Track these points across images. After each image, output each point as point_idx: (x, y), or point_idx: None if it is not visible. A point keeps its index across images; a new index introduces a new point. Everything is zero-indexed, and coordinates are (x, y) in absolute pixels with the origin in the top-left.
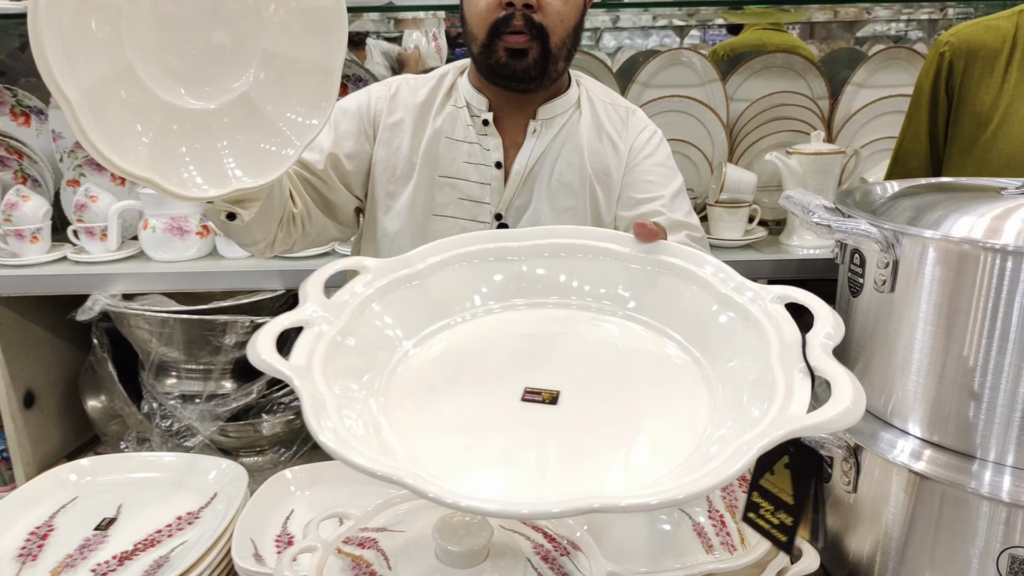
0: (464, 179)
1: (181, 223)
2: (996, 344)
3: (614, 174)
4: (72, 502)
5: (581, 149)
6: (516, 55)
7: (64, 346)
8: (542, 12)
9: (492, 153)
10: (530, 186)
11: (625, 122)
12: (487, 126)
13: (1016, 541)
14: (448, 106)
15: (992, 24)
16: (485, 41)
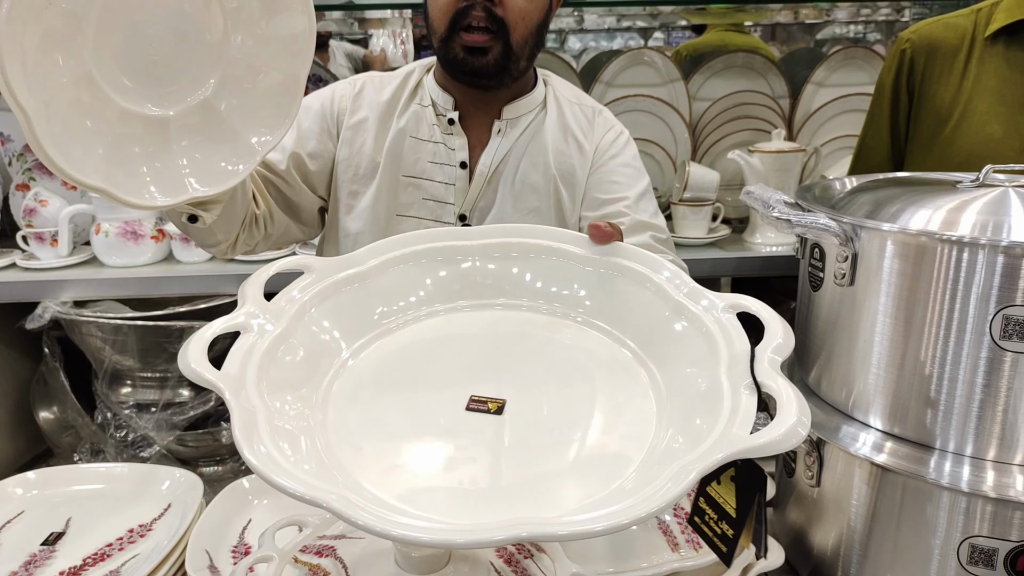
0: (428, 179)
1: (135, 227)
2: (954, 336)
3: (579, 175)
4: (18, 516)
5: (546, 149)
6: (475, 52)
7: (14, 356)
8: (503, 7)
9: (457, 153)
10: (494, 186)
11: (591, 122)
12: (452, 125)
13: (975, 531)
14: (413, 104)
15: (952, 22)
16: (445, 35)
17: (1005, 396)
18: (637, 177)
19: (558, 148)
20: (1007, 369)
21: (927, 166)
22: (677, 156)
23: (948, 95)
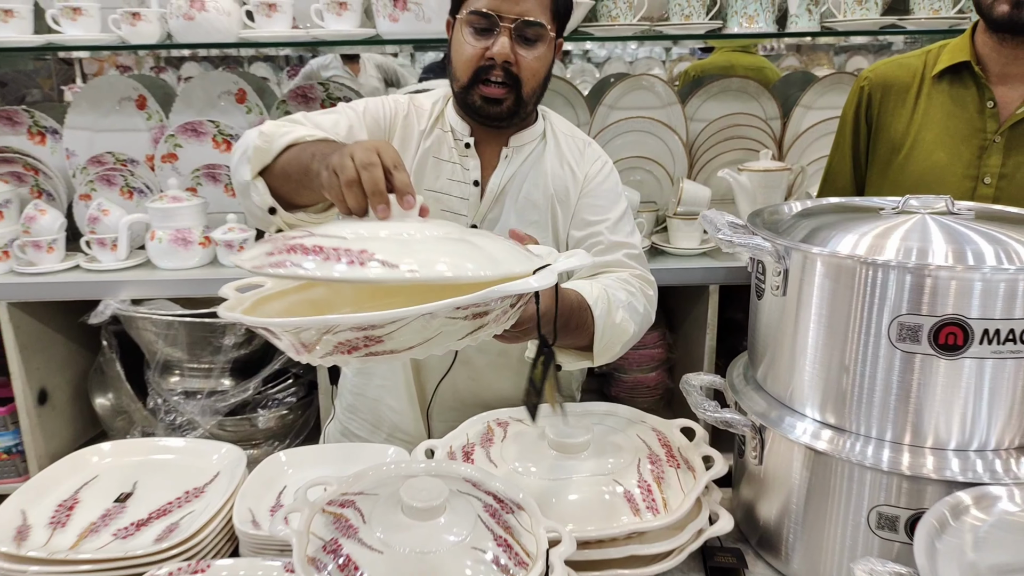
0: (447, 194)
1: (185, 235)
2: (862, 339)
3: (572, 196)
4: (93, 480)
5: (545, 173)
6: (492, 102)
7: (75, 348)
8: (518, 66)
9: (471, 172)
10: (501, 202)
11: (582, 153)
12: (468, 149)
13: (881, 500)
14: (436, 129)
15: (905, 62)
16: (466, 85)
17: (898, 389)
18: (617, 201)
19: (555, 173)
20: (900, 366)
21: (884, 188)
22: (674, 173)
23: (901, 126)
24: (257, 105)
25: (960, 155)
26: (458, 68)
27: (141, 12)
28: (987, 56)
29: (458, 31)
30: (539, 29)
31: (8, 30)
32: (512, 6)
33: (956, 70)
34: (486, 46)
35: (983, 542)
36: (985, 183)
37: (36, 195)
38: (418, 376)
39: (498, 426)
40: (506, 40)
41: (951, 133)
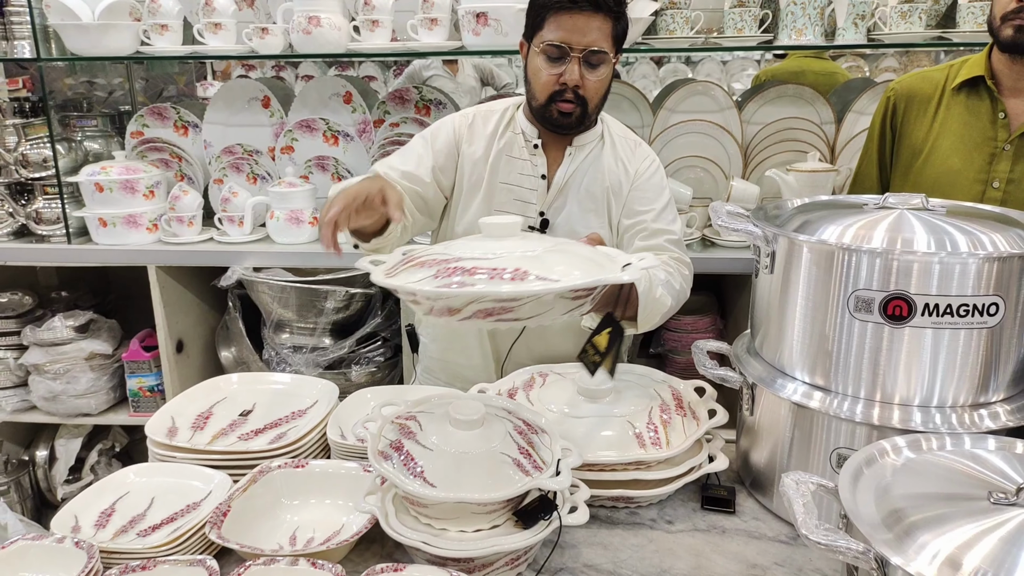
0: (518, 185)
1: (298, 215)
2: (830, 310)
3: (624, 189)
4: (223, 399)
5: (603, 169)
6: (564, 115)
7: (206, 308)
8: (585, 88)
9: (539, 168)
10: (565, 194)
11: (634, 152)
12: (536, 149)
13: (842, 443)
14: (508, 132)
15: (928, 75)
16: (543, 104)
17: (858, 352)
18: (661, 194)
19: (611, 169)
20: (859, 333)
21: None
22: (729, 172)
23: (921, 134)
24: (361, 105)
25: (973, 161)
26: (536, 90)
27: (268, 27)
28: (1000, 72)
29: (533, 57)
30: (603, 55)
31: (163, 41)
32: (580, 38)
33: (973, 83)
34: (559, 72)
35: (899, 474)
36: (994, 187)
37: (179, 179)
38: (493, 340)
39: (540, 376)
40: (576, 68)
41: (965, 141)
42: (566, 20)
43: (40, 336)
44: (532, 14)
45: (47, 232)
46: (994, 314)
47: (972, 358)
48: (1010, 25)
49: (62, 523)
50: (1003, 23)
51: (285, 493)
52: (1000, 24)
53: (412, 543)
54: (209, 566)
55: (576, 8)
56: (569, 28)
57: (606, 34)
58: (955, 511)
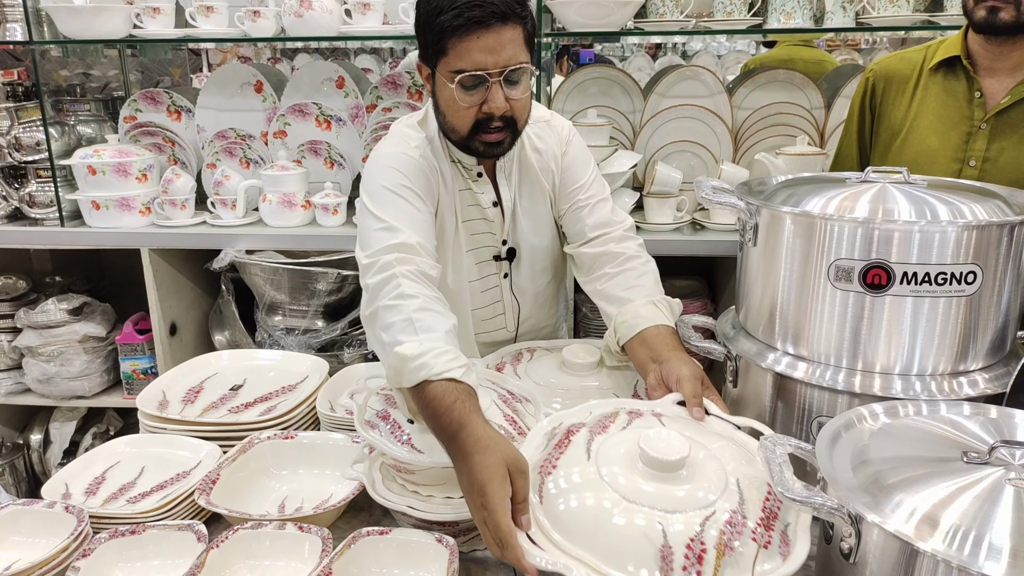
0: (476, 219)
1: (291, 198)
2: (811, 280)
3: (555, 175)
4: (214, 375)
5: (535, 171)
6: (493, 145)
7: (199, 292)
8: (511, 108)
9: (488, 195)
10: (517, 216)
11: (548, 130)
12: (480, 177)
13: (825, 412)
14: (447, 163)
15: (906, 56)
16: (465, 137)
17: (839, 322)
18: (588, 162)
19: (540, 166)
20: (839, 302)
21: None
22: (719, 156)
23: (899, 114)
24: (354, 90)
25: (950, 140)
26: (455, 124)
27: (260, 10)
28: (976, 52)
29: (443, 86)
30: (523, 68)
31: (155, 24)
32: (496, 59)
33: (950, 64)
34: (479, 101)
35: (876, 438)
36: (971, 165)
37: (172, 163)
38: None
39: (527, 351)
40: (498, 92)
41: (943, 120)
42: (474, 42)
43: (34, 319)
44: (430, 37)
45: (40, 215)
46: (972, 282)
47: (951, 326)
48: (983, 6)
49: (53, 490)
50: (976, 5)
51: (274, 463)
52: (974, 6)
53: (399, 507)
54: (198, 530)
55: (483, 26)
56: (481, 50)
57: (520, 44)
58: (930, 472)
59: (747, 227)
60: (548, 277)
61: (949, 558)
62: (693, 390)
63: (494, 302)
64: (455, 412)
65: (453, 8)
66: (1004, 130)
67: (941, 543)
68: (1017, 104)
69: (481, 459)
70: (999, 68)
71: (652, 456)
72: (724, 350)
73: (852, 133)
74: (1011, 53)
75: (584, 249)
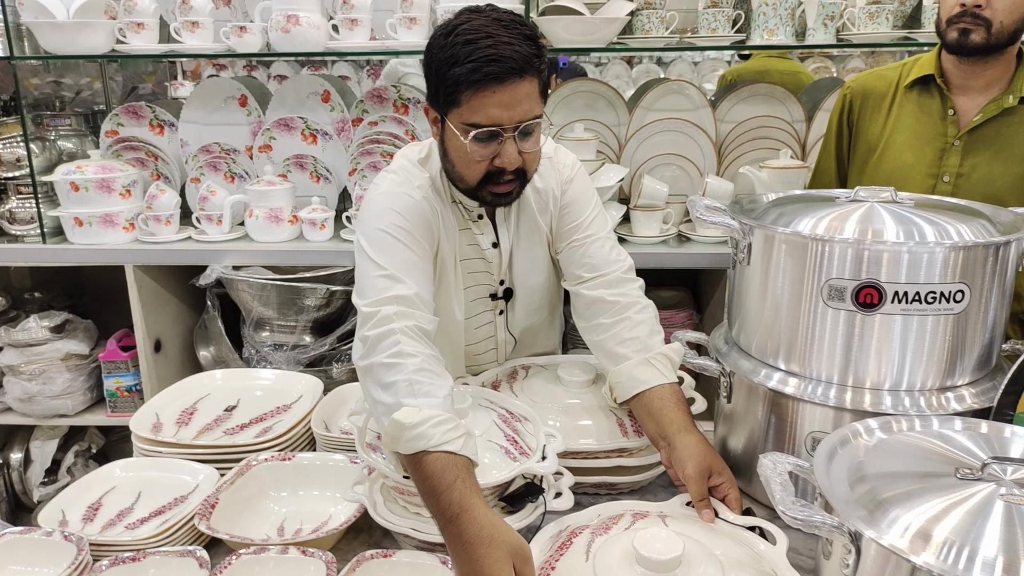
0: (471, 258)
1: (278, 213)
2: (804, 298)
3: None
4: (207, 395)
5: (533, 212)
6: (502, 196)
7: (184, 307)
8: (523, 160)
9: (488, 236)
10: (516, 255)
11: (550, 168)
12: (481, 219)
13: (816, 428)
14: (448, 204)
15: (883, 73)
16: (474, 187)
17: (831, 339)
18: (588, 199)
19: (539, 207)
20: (831, 320)
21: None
22: (704, 169)
23: (876, 130)
24: (339, 104)
25: (924, 156)
26: (464, 174)
27: (246, 26)
28: (949, 71)
29: (453, 136)
30: (538, 120)
31: (139, 40)
32: (512, 113)
33: (924, 82)
34: (492, 154)
35: (871, 454)
36: (944, 181)
37: (155, 178)
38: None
39: (522, 368)
40: (512, 147)
41: (918, 136)
42: (491, 98)
43: (15, 337)
44: (443, 86)
45: (21, 232)
46: (960, 300)
47: (939, 343)
48: (955, 28)
49: (49, 518)
50: (948, 26)
51: (272, 485)
52: (946, 27)
53: (402, 530)
54: (199, 556)
55: (499, 81)
56: (496, 105)
57: (535, 97)
58: (924, 487)
59: (740, 246)
60: (544, 313)
61: (944, 573)
62: (699, 491)
63: (487, 338)
64: (455, 493)
65: (470, 61)
66: (977, 147)
67: (935, 558)
68: (989, 122)
69: (487, 552)
70: (972, 87)
71: (644, 556)
72: (719, 367)
73: (831, 148)
74: (983, 72)
75: (580, 289)
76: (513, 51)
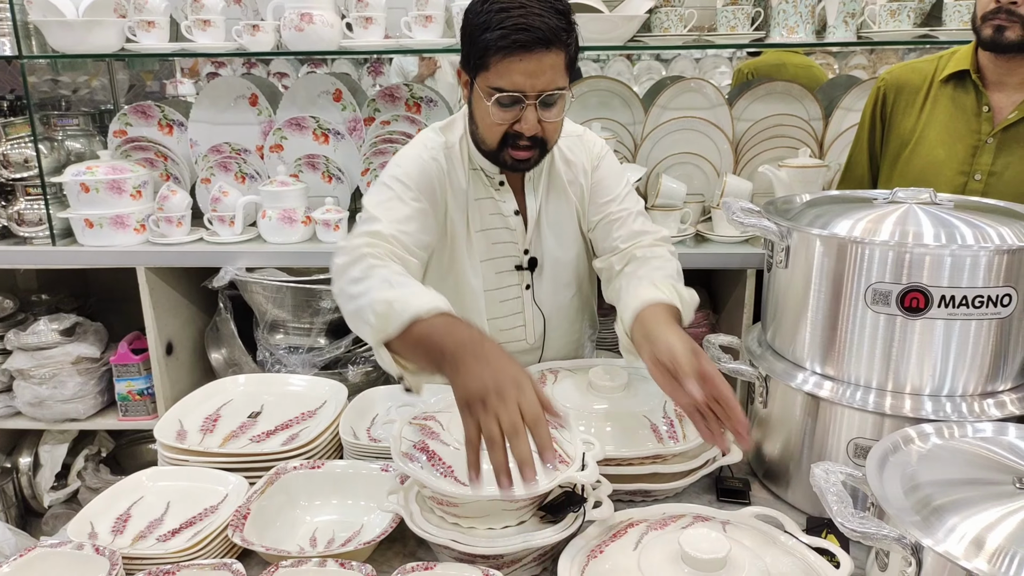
0: (493, 228)
1: (291, 214)
2: (847, 302)
3: (586, 191)
4: (230, 401)
5: (563, 182)
6: (520, 162)
7: (195, 309)
8: (543, 130)
9: (509, 204)
10: (541, 228)
11: (580, 146)
12: (503, 185)
13: (856, 434)
14: (468, 170)
15: (918, 66)
16: (495, 149)
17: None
18: (620, 176)
19: (569, 179)
20: (875, 324)
21: (892, 179)
22: (720, 168)
23: (909, 124)
24: (351, 103)
25: (956, 152)
26: (485, 135)
27: (259, 24)
28: (985, 67)
29: (479, 98)
30: (560, 93)
31: (150, 38)
32: (535, 82)
33: (960, 76)
34: (513, 118)
35: (924, 461)
36: (976, 179)
37: (165, 178)
38: None
39: (550, 373)
40: (532, 114)
41: (951, 132)
42: (516, 65)
43: (25, 340)
44: (474, 50)
45: (29, 234)
46: (1008, 304)
47: (983, 348)
48: (989, 25)
49: (78, 530)
50: (984, 23)
51: (303, 495)
52: (981, 23)
53: (442, 541)
54: (235, 570)
55: (526, 50)
56: (521, 73)
57: (560, 69)
58: (980, 495)
59: (777, 248)
60: (572, 291)
61: None
62: (690, 363)
63: (514, 313)
64: (473, 329)
65: (500, 28)
66: (1010, 145)
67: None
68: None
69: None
70: (1008, 83)
71: (689, 553)
72: (754, 371)
73: (863, 141)
74: (1019, 69)
75: (612, 259)
76: (542, 22)
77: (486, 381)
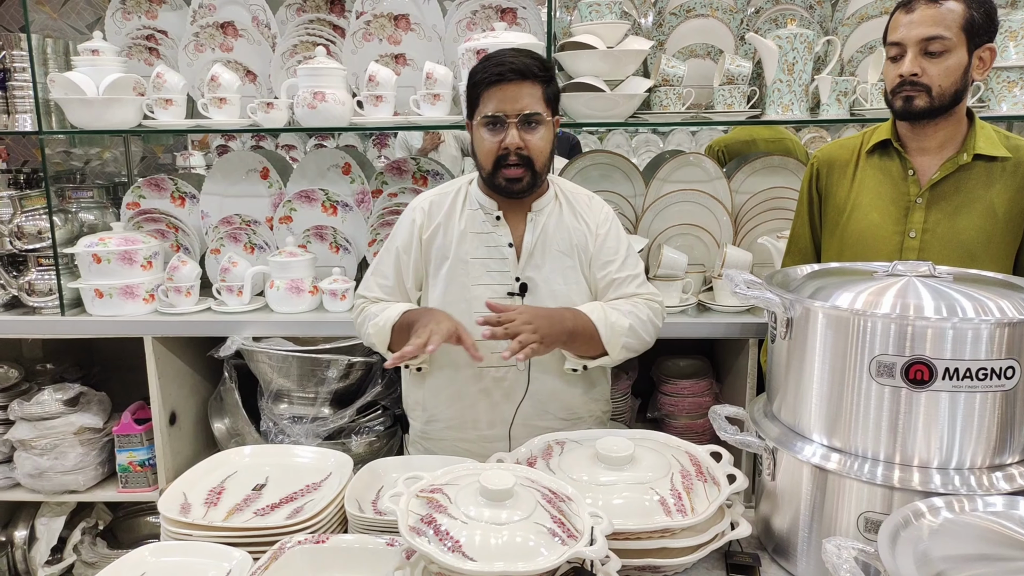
0: (488, 257)
1: (298, 284)
2: (849, 374)
3: (589, 243)
4: (235, 473)
5: (566, 227)
6: (513, 181)
7: (199, 378)
8: (528, 148)
9: (504, 237)
10: (536, 259)
11: (590, 206)
12: (499, 220)
13: (865, 508)
14: (467, 210)
15: (846, 143)
16: (490, 171)
17: (877, 415)
18: (622, 241)
19: (574, 227)
20: (880, 396)
21: (832, 246)
22: (720, 239)
23: (843, 194)
24: (360, 176)
25: (890, 215)
26: (482, 160)
27: (273, 102)
28: (904, 135)
29: (477, 132)
30: (538, 116)
31: (167, 115)
32: (513, 105)
33: (883, 146)
34: (500, 139)
35: (936, 536)
36: (911, 236)
37: (175, 249)
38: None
39: (557, 444)
40: (514, 131)
41: (882, 197)
42: (497, 92)
43: (28, 411)
44: (470, 95)
45: (39, 304)
46: (1011, 377)
47: (989, 421)
48: (899, 96)
49: None
50: (894, 96)
51: (307, 570)
52: (892, 97)
53: None
54: None
55: (505, 80)
56: (501, 99)
57: (538, 98)
58: (994, 571)
59: (779, 320)
60: None
61: None
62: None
63: None
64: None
65: (485, 71)
66: (939, 202)
67: None
68: (947, 178)
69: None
70: (927, 148)
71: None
72: (762, 443)
73: (803, 215)
74: (934, 133)
75: None
76: (519, 61)
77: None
